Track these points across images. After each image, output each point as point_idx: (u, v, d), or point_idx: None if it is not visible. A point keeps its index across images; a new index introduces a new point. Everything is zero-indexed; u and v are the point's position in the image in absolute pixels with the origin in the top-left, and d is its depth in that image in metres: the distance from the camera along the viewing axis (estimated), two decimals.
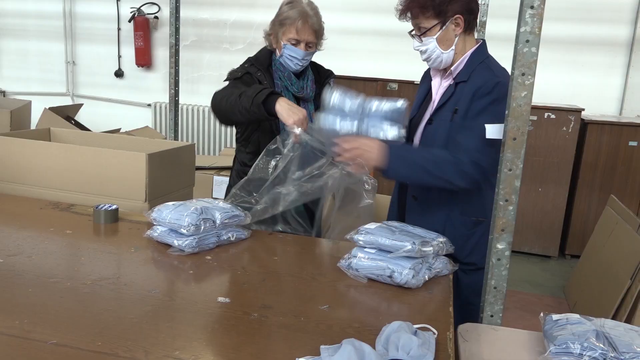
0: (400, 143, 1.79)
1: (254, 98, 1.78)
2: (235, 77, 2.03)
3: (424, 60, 1.85)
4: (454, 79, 1.82)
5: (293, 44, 2.00)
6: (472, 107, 1.73)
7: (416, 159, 1.73)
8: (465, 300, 1.80)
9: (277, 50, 2.07)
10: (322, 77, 2.19)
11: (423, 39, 1.78)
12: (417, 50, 1.83)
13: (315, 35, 2.03)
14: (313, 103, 2.13)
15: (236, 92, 1.86)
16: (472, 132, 1.71)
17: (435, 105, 1.84)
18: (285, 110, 1.78)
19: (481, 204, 1.80)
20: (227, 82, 2.08)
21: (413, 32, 1.84)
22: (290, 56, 2.02)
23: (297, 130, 1.76)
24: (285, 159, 1.79)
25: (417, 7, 1.75)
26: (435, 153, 1.74)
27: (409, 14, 1.80)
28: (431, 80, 1.93)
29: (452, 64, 1.82)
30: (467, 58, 1.80)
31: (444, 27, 1.75)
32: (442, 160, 1.70)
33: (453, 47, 1.78)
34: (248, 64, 2.07)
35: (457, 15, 1.75)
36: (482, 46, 1.84)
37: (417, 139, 1.90)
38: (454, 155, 1.70)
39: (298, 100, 2.08)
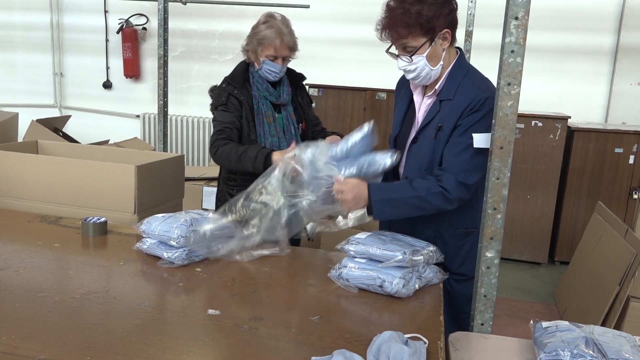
0: (383, 184, 1.77)
1: (254, 163, 2.04)
2: (220, 103, 2.23)
3: (411, 78, 1.78)
4: (437, 95, 1.78)
5: (271, 60, 2.21)
6: (461, 124, 1.70)
7: (402, 198, 1.69)
8: (459, 308, 1.80)
9: (256, 64, 2.26)
10: (296, 79, 2.39)
11: (413, 58, 1.70)
12: (404, 69, 1.75)
13: (290, 50, 2.23)
14: (291, 105, 2.35)
15: (233, 154, 2.10)
16: (460, 149, 1.69)
17: (420, 124, 1.80)
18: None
19: (471, 214, 1.79)
20: (214, 109, 2.26)
21: (396, 52, 1.76)
22: (269, 70, 2.22)
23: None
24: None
25: (403, 27, 1.66)
26: (419, 187, 1.69)
27: (390, 34, 1.71)
28: (410, 93, 1.87)
29: (438, 78, 1.78)
30: (449, 72, 1.76)
31: (432, 44, 1.69)
32: (428, 194, 1.68)
33: (441, 61, 1.74)
34: (225, 84, 2.28)
35: (445, 30, 1.69)
36: (461, 57, 1.80)
37: (404, 158, 1.86)
38: (438, 184, 1.68)
39: (277, 107, 2.30)
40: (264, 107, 2.25)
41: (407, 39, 1.69)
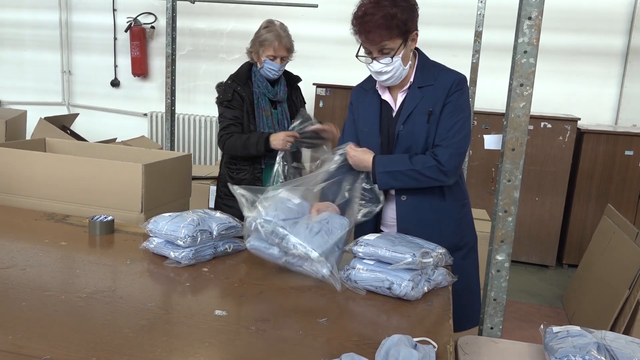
0: (387, 157, 1.90)
1: (257, 147, 2.47)
2: (226, 99, 2.58)
3: (384, 80, 1.86)
4: (411, 85, 1.90)
5: (271, 59, 2.53)
6: (446, 104, 1.85)
7: (402, 171, 1.85)
8: (469, 279, 1.92)
9: (258, 64, 2.59)
10: (292, 80, 2.72)
11: (393, 59, 1.81)
12: (379, 71, 1.84)
13: (287, 51, 2.57)
14: (286, 103, 2.68)
15: (239, 143, 2.50)
16: (449, 125, 1.84)
17: (404, 114, 1.88)
18: (279, 141, 2.45)
19: (459, 186, 1.96)
20: (220, 106, 2.60)
21: (370, 55, 1.84)
22: (269, 68, 2.55)
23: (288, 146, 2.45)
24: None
25: (385, 30, 1.78)
26: (417, 161, 1.84)
27: (371, 37, 1.80)
28: (378, 95, 1.96)
29: (407, 75, 1.90)
30: (418, 65, 1.92)
31: (406, 45, 1.83)
32: (424, 168, 1.83)
33: (410, 61, 1.89)
34: (230, 81, 2.63)
35: (414, 32, 1.85)
36: (422, 53, 1.96)
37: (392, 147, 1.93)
38: (433, 157, 1.83)
39: (274, 103, 2.63)
40: (262, 102, 2.60)
41: (387, 42, 1.81)
